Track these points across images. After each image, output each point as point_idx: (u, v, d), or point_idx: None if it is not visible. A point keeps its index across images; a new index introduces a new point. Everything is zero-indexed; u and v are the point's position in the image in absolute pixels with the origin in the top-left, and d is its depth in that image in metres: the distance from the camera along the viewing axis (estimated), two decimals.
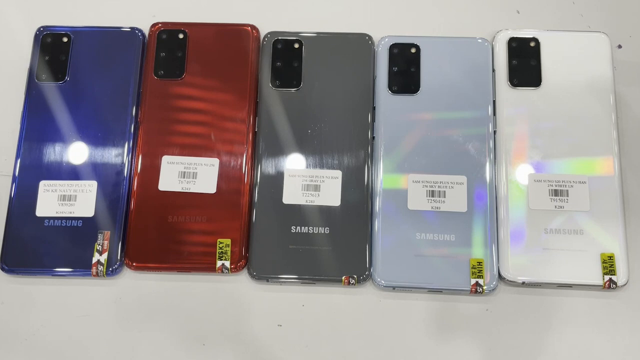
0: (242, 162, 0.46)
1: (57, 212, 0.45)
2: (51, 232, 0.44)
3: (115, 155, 0.46)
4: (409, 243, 0.44)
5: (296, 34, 0.49)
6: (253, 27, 0.49)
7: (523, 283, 0.43)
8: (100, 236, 0.44)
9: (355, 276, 0.43)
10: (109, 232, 0.44)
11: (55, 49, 0.48)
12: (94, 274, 0.43)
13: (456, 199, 0.44)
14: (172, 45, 0.48)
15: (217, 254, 0.44)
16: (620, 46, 0.49)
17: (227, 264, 0.43)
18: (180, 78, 0.47)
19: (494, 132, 0.46)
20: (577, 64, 0.47)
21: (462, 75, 0.47)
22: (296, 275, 0.43)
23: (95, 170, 0.46)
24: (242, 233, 0.44)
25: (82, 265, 0.44)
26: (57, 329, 0.44)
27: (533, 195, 0.44)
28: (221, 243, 0.44)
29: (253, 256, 0.44)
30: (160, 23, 0.49)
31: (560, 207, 0.44)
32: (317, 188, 0.45)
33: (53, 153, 0.46)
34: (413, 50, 0.48)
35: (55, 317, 0.44)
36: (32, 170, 0.46)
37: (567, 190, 0.44)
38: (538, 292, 0.44)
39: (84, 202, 0.45)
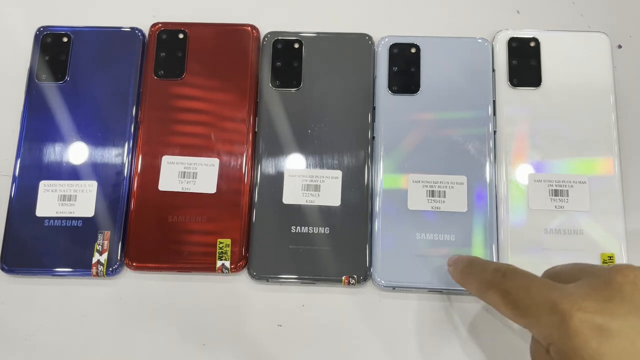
0: (242, 162, 0.46)
1: (57, 212, 0.45)
2: (51, 232, 0.44)
3: (115, 155, 0.46)
4: (409, 243, 0.44)
5: (296, 34, 0.49)
6: (253, 27, 0.49)
7: None
8: (100, 236, 0.44)
9: (355, 276, 0.43)
10: (109, 232, 0.44)
11: (55, 49, 0.48)
12: (94, 274, 0.43)
13: (456, 199, 0.44)
14: (172, 45, 0.48)
15: (217, 254, 0.44)
16: (620, 46, 0.49)
17: (227, 264, 0.43)
18: (180, 78, 0.47)
19: (494, 132, 0.46)
20: (577, 64, 0.47)
21: (462, 75, 0.47)
22: (296, 275, 0.43)
23: (95, 170, 0.46)
24: (242, 233, 0.44)
25: (82, 265, 0.44)
26: (57, 329, 0.44)
27: (533, 195, 0.44)
28: (221, 243, 0.44)
29: (253, 256, 0.44)
30: (160, 23, 0.49)
31: (560, 207, 0.44)
32: (317, 188, 0.45)
33: (53, 153, 0.46)
34: (413, 50, 0.48)
35: (55, 317, 0.44)
36: (32, 170, 0.46)
37: (567, 190, 0.44)
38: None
39: (84, 202, 0.45)
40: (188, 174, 0.45)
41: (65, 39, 0.48)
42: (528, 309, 0.31)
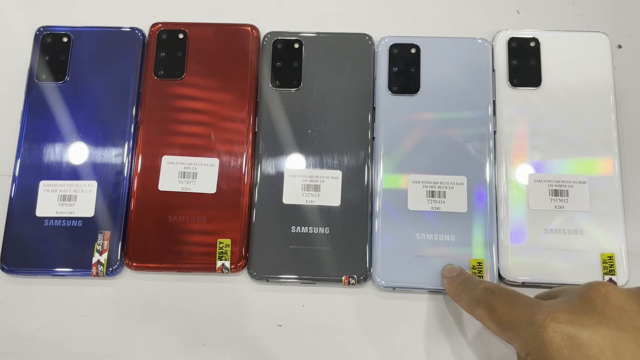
0: (242, 162, 0.46)
1: (57, 212, 0.45)
2: (51, 232, 0.44)
3: (115, 155, 0.46)
4: (409, 243, 0.44)
5: (296, 34, 0.49)
6: (253, 27, 0.49)
7: (523, 283, 0.43)
8: (100, 236, 0.44)
9: (355, 276, 0.43)
10: (109, 232, 0.44)
11: (55, 49, 0.48)
12: (94, 274, 0.43)
13: (456, 199, 0.44)
14: (172, 45, 0.48)
15: (217, 254, 0.44)
16: (620, 46, 0.49)
17: (227, 264, 0.43)
18: (180, 78, 0.47)
19: (494, 132, 0.46)
20: (577, 64, 0.47)
21: (462, 75, 0.47)
22: (296, 275, 0.43)
23: (95, 170, 0.46)
24: (242, 233, 0.44)
25: (82, 265, 0.44)
26: (57, 329, 0.44)
27: (533, 195, 0.44)
28: (221, 243, 0.44)
29: (253, 256, 0.44)
30: (160, 23, 0.49)
31: (560, 207, 0.44)
32: (317, 188, 0.45)
33: (53, 153, 0.46)
34: (413, 50, 0.48)
35: (55, 317, 0.44)
36: (32, 170, 0.46)
37: (567, 190, 0.44)
38: (538, 292, 0.44)
39: (84, 202, 0.45)
40: (188, 174, 0.45)
41: (65, 39, 0.48)
42: (510, 324, 0.33)
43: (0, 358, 0.43)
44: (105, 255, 0.44)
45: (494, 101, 0.46)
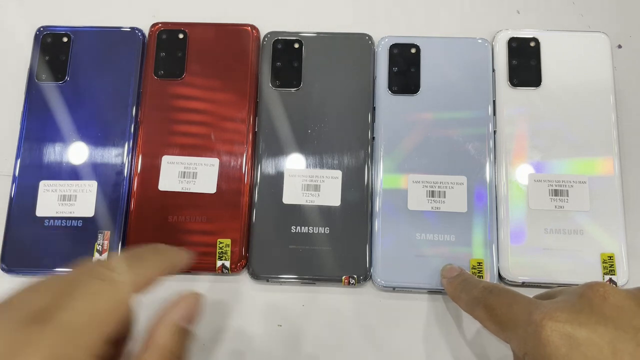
0: (242, 162, 0.46)
1: (57, 212, 0.45)
2: (51, 232, 0.44)
3: (115, 155, 0.46)
4: (409, 243, 0.44)
5: (296, 34, 0.49)
6: (253, 27, 0.49)
7: (523, 283, 0.43)
8: (100, 236, 0.44)
9: (355, 276, 0.43)
10: (109, 232, 0.44)
11: (55, 49, 0.48)
12: None
13: (456, 199, 0.44)
14: (172, 45, 0.48)
15: (217, 254, 0.44)
16: (620, 46, 0.49)
17: (227, 264, 0.43)
18: (180, 78, 0.47)
19: (494, 132, 0.46)
20: (577, 64, 0.47)
21: (462, 75, 0.47)
22: (296, 275, 0.43)
23: (95, 170, 0.46)
24: (242, 233, 0.44)
25: None
26: None
27: (533, 195, 0.44)
28: (221, 243, 0.44)
29: (253, 256, 0.44)
30: (160, 23, 0.49)
31: (560, 207, 0.44)
32: (317, 188, 0.45)
33: (53, 153, 0.46)
34: (413, 50, 0.48)
35: None
36: (32, 170, 0.46)
37: (567, 190, 0.44)
38: (538, 292, 0.44)
39: (84, 202, 0.45)
40: (188, 174, 0.45)
41: (65, 39, 0.48)
42: (508, 323, 0.33)
43: None
44: (105, 255, 0.44)
45: (494, 101, 0.46)
